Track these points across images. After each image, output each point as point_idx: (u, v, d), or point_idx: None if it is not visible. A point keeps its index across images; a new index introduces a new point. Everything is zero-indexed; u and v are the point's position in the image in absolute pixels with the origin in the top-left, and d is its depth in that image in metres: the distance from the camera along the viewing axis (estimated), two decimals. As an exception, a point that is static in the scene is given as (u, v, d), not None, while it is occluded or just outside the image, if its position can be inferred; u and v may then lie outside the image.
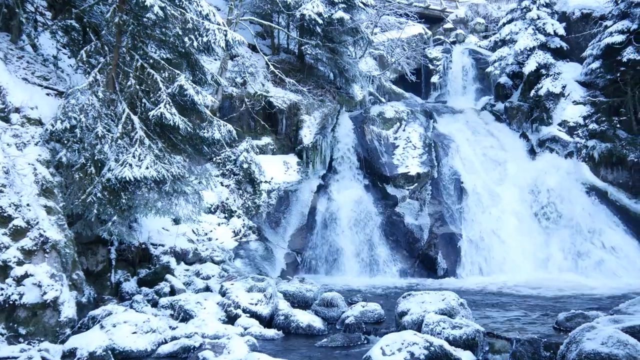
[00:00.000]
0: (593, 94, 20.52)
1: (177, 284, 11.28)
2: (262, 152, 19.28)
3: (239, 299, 9.89)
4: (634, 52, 18.62)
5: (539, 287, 15.09)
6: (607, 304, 11.98)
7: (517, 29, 22.61)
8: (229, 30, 12.23)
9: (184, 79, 11.35)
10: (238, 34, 12.43)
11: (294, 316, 9.53)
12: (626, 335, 6.72)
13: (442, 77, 31.32)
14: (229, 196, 17.43)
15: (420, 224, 17.76)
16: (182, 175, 11.51)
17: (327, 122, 20.19)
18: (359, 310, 9.63)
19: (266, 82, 20.41)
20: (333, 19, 19.62)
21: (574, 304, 12.53)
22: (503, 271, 16.77)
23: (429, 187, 18.93)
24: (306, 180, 18.77)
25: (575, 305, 12.44)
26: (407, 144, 20.19)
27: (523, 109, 22.21)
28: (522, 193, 19.11)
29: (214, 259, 13.55)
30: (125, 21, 11.77)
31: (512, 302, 12.67)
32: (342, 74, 21.07)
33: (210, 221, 16.81)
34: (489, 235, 17.71)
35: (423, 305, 8.77)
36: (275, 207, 17.72)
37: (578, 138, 20.01)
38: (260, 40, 23.06)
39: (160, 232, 13.64)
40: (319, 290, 11.61)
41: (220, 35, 12.05)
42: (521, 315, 10.78)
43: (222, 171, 18.00)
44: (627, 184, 19.02)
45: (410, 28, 31.85)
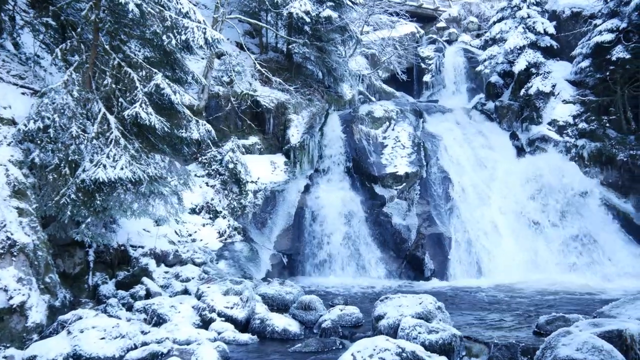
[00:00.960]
0: (583, 93, 20.35)
1: (153, 287, 11.07)
2: (249, 151, 19.08)
3: (214, 302, 9.68)
4: (623, 50, 18.45)
5: (527, 288, 14.92)
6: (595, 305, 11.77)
7: (507, 28, 22.45)
8: (209, 28, 12.02)
9: (160, 78, 11.13)
10: (217, 32, 12.20)
11: (269, 320, 9.33)
12: (602, 341, 6.53)
13: (435, 76, 31.24)
14: (214, 196, 17.23)
15: (408, 224, 17.57)
16: (159, 176, 11.30)
17: (315, 121, 19.99)
18: (337, 314, 9.43)
19: (254, 81, 20.21)
20: (321, 17, 19.45)
21: (561, 306, 12.37)
22: (492, 272, 16.58)
23: (417, 187, 18.74)
24: (293, 180, 18.57)
25: (562, 307, 12.28)
26: (396, 143, 19.99)
27: (513, 108, 22.03)
28: (512, 193, 18.92)
29: (195, 260, 13.34)
30: (102, 19, 11.56)
31: (498, 304, 12.48)
32: (330, 73, 20.88)
33: (195, 222, 16.61)
34: (477, 235, 17.53)
35: (400, 309, 8.58)
36: (261, 208, 17.51)
37: (568, 137, 19.84)
38: (248, 38, 22.87)
39: (140, 233, 13.42)
40: (299, 292, 11.41)
41: (199, 34, 11.84)
42: (505, 318, 10.60)
43: (207, 171, 17.80)
44: (616, 184, 18.86)
45: (402, 27, 31.75)
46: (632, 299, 9.89)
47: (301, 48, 20.03)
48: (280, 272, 16.62)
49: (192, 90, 19.09)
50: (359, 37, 21.95)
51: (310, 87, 20.74)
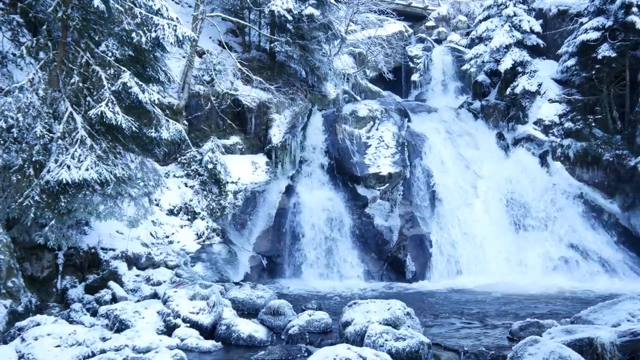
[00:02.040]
0: (569, 92, 20.14)
1: (119, 291, 10.77)
2: (229, 151, 18.76)
3: (180, 307, 9.38)
4: (609, 49, 18.26)
5: (509, 290, 14.70)
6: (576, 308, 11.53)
7: (494, 26, 22.20)
8: (180, 26, 11.70)
9: (128, 76, 10.81)
10: (190, 30, 11.89)
11: (235, 326, 9.04)
12: (569, 351, 6.28)
13: (423, 75, 30.95)
14: (193, 197, 16.91)
15: (390, 225, 17.30)
16: (128, 177, 11.00)
17: (298, 121, 19.68)
18: (305, 320, 9.14)
19: (235, 81, 19.88)
20: (303, 15, 19.13)
21: (540, 309, 12.14)
22: (475, 274, 16.35)
23: (400, 187, 18.47)
24: (274, 181, 18.25)
25: (542, 310, 12.06)
26: (380, 143, 19.70)
27: (499, 108, 21.79)
28: (496, 193, 18.69)
29: (168, 263, 13.03)
30: (70, 16, 11.23)
31: (477, 307, 12.23)
32: (313, 71, 20.58)
33: (173, 223, 16.28)
34: (460, 236, 17.30)
35: (367, 315, 8.31)
36: (241, 209, 17.20)
37: (553, 137, 19.62)
38: (232, 37, 22.53)
39: (113, 235, 13.10)
40: (271, 296, 11.12)
41: (170, 31, 11.52)
42: (481, 322, 10.35)
43: (186, 172, 17.48)
44: (602, 184, 18.67)
45: (390, 26, 31.48)
46: (610, 303, 9.64)
47: (284, 46, 19.71)
48: (259, 274, 16.34)
49: (172, 89, 18.79)
50: (343, 36, 21.65)
51: (293, 86, 20.42)
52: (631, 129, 18.46)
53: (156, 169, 12.56)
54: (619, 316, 9.03)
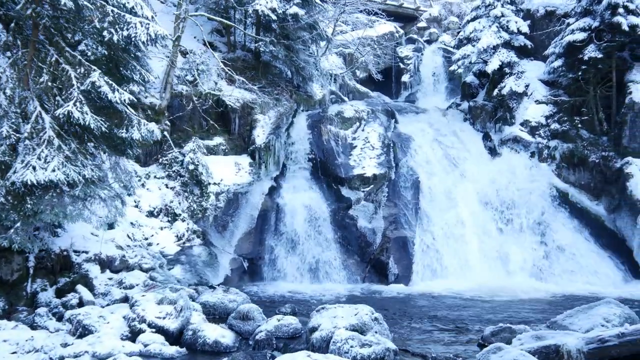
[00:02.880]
0: (555, 93, 19.98)
1: (86, 295, 10.54)
2: (213, 152, 18.56)
3: (146, 312, 9.16)
4: (595, 50, 18.09)
5: (492, 293, 14.51)
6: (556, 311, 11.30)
7: (481, 27, 22.00)
8: (153, 24, 11.48)
9: (97, 75, 10.58)
10: (162, 28, 11.66)
11: (201, 331, 8.82)
12: (532, 359, 6.07)
13: (413, 76, 30.85)
14: (173, 199, 16.69)
15: (373, 227, 17.10)
16: (98, 178, 10.77)
17: (282, 121, 19.48)
18: (274, 325, 8.93)
19: (219, 81, 19.67)
20: (287, 14, 18.92)
21: (519, 313, 11.96)
22: (458, 277, 16.13)
23: (385, 188, 18.28)
24: (258, 182, 18.03)
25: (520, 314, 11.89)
26: (365, 144, 19.53)
27: (487, 109, 21.61)
28: (482, 195, 18.49)
29: (142, 266, 12.80)
30: (39, 13, 11.00)
31: (455, 310, 12.04)
32: (298, 72, 20.37)
33: (152, 225, 16.05)
34: (444, 239, 17.09)
35: (334, 320, 8.10)
36: (223, 210, 16.97)
37: (540, 138, 19.45)
38: (217, 37, 22.32)
39: (86, 237, 12.86)
40: (244, 300, 10.90)
41: (142, 29, 11.30)
42: (456, 327, 10.16)
43: (167, 172, 17.25)
44: (588, 186, 18.50)
45: (381, 26, 31.33)
46: (587, 307, 9.48)
47: (268, 46, 19.49)
48: (240, 277, 16.12)
49: (155, 89, 18.58)
50: (329, 36, 21.44)
51: (278, 87, 20.22)
52: (617, 131, 18.29)
53: (128, 170, 12.31)
54: (594, 321, 8.87)
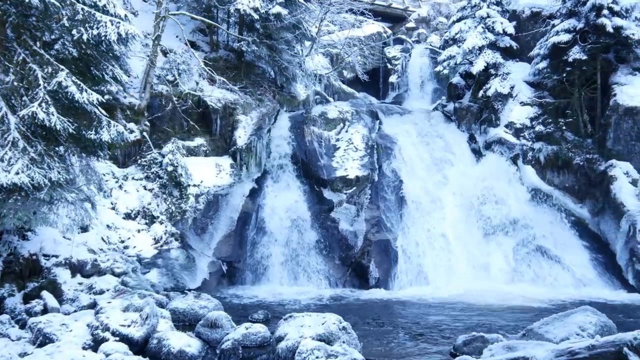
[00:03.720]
0: (540, 95, 19.82)
1: (50, 302, 10.23)
2: (193, 153, 18.29)
3: (110, 320, 8.87)
4: (580, 51, 17.94)
5: (474, 299, 14.26)
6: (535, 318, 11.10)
7: (467, 28, 21.83)
8: (123, 23, 11.21)
9: (64, 75, 10.29)
10: (133, 27, 11.38)
11: (166, 340, 8.55)
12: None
13: (400, 77, 30.65)
14: (151, 201, 16.40)
15: (355, 230, 16.87)
16: (65, 181, 10.48)
17: (265, 122, 19.23)
18: (241, 333, 8.66)
19: (201, 81, 19.38)
20: (270, 14, 18.66)
21: (499, 320, 11.77)
22: (440, 281, 15.91)
23: (368, 191, 18.05)
24: (239, 184, 17.78)
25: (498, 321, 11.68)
26: (349, 145, 19.30)
27: (472, 110, 21.44)
28: (465, 198, 18.31)
29: (115, 270, 12.50)
30: (5, 11, 10.70)
31: (433, 317, 11.83)
32: (281, 72, 20.09)
33: (129, 227, 15.78)
34: (427, 242, 16.88)
35: (301, 329, 7.86)
36: (202, 213, 16.69)
37: (524, 140, 19.27)
38: (200, 36, 22.04)
39: (57, 241, 12.55)
40: (215, 306, 10.64)
41: (112, 28, 11.03)
42: (430, 335, 9.95)
43: (146, 174, 16.96)
44: (573, 188, 18.35)
45: (368, 27, 31.14)
46: (563, 315, 9.30)
47: (251, 46, 19.21)
48: (219, 280, 15.85)
49: (134, 89, 18.29)
50: (314, 36, 21.19)
51: (261, 87, 19.94)
52: (602, 133, 18.14)
53: (98, 172, 12.01)
54: (569, 330, 8.69)
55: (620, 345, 6.11)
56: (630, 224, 15.97)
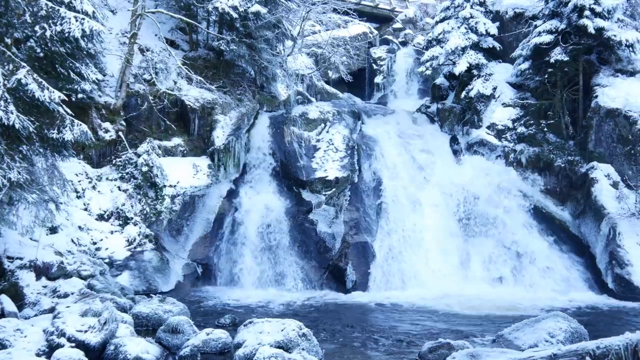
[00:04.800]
0: (522, 96, 19.68)
1: (8, 306, 9.89)
2: (170, 154, 18.01)
3: (66, 325, 8.56)
4: (562, 52, 17.81)
5: (452, 302, 14.04)
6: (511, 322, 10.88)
7: (450, 28, 21.67)
8: (88, 19, 10.92)
9: (24, 73, 9.98)
10: (98, 24, 11.09)
11: (123, 346, 8.25)
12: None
13: (386, 78, 30.42)
14: (125, 202, 16.10)
15: (333, 232, 16.60)
16: (25, 181, 10.17)
17: (244, 122, 18.94)
18: (202, 339, 8.39)
19: (179, 80, 19.08)
20: (249, 12, 18.39)
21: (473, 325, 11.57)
22: (418, 284, 15.68)
23: (347, 192, 17.79)
24: (216, 185, 17.49)
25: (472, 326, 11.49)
26: (329, 146, 19.04)
27: (455, 111, 21.26)
28: (446, 200, 18.12)
29: (81, 273, 12.16)
30: (-34, 6, 10.40)
31: (406, 322, 11.60)
32: (261, 72, 19.81)
33: (102, 229, 15.50)
34: (406, 244, 16.66)
35: (260, 336, 7.61)
36: (178, 214, 16.40)
37: (506, 142, 19.12)
38: (180, 34, 21.71)
39: (22, 243, 12.19)
40: (181, 310, 10.35)
41: (77, 25, 10.73)
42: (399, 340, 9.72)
43: (121, 174, 16.64)
44: (554, 190, 18.21)
45: (354, 27, 30.88)
46: (534, 321, 9.12)
47: (230, 45, 18.91)
48: (193, 283, 15.56)
49: (110, 87, 17.98)
50: (294, 35, 20.93)
51: (240, 87, 19.66)
52: (584, 135, 18.01)
53: (62, 172, 11.69)
54: (538, 336, 8.50)
55: (583, 354, 5.89)
56: (610, 226, 15.84)
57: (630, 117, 16.89)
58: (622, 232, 15.49)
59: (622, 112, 17.07)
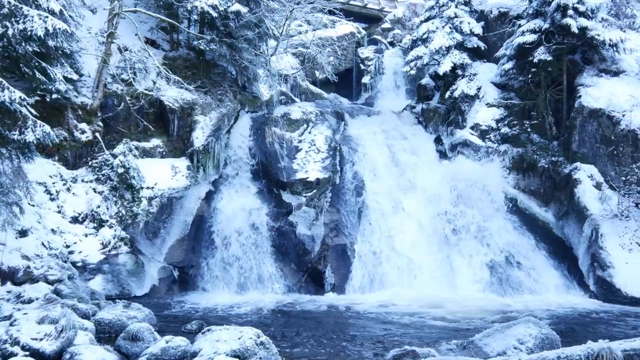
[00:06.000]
0: (506, 96, 19.48)
1: (-37, 313, 9.62)
2: (149, 155, 17.71)
3: (21, 332, 8.26)
4: (545, 52, 17.62)
5: (430, 306, 13.77)
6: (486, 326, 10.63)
7: (435, 27, 21.47)
8: (51, 18, 10.63)
9: (-17, 72, 9.71)
10: (62, 23, 10.81)
11: (79, 355, 7.94)
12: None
13: (374, 78, 30.19)
14: (100, 204, 15.80)
15: (313, 234, 16.36)
16: (-15, 184, 9.89)
17: (224, 123, 18.66)
18: (160, 347, 8.09)
19: (159, 80, 18.78)
20: (229, 12, 18.11)
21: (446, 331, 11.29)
22: (397, 287, 15.45)
23: (328, 193, 17.57)
24: (195, 186, 17.20)
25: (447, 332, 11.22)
26: (311, 147, 18.79)
27: (440, 111, 21.06)
28: (428, 201, 17.90)
29: (49, 278, 11.89)
30: None
31: (378, 327, 11.33)
32: (242, 72, 19.53)
33: (76, 232, 15.20)
34: (386, 247, 16.42)
35: (217, 344, 7.33)
36: (155, 216, 16.10)
37: (490, 142, 18.92)
38: (162, 34, 21.41)
39: (-11, 247, 11.93)
40: (146, 316, 10.07)
41: (40, 23, 10.45)
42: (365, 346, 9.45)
43: (97, 176, 16.34)
44: (538, 191, 18.01)
45: (341, 27, 30.71)
46: (505, 326, 8.87)
47: (210, 45, 18.61)
48: (169, 287, 15.29)
49: (87, 88, 17.67)
50: (277, 35, 20.65)
51: (221, 86, 19.37)
52: (567, 135, 17.82)
53: (25, 175, 11.40)
54: (508, 342, 8.26)
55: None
56: (592, 228, 15.64)
57: (614, 117, 16.70)
58: (604, 233, 15.29)
59: (606, 112, 16.88)
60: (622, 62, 17.90)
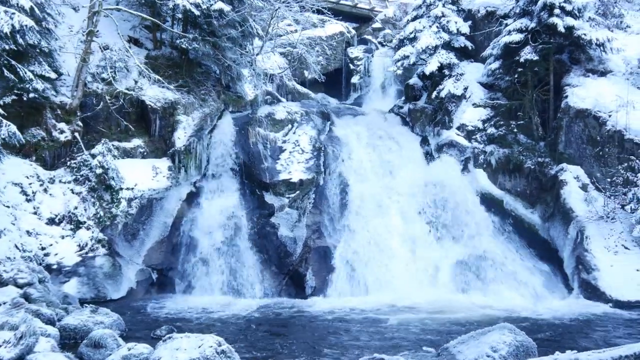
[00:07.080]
0: (493, 96, 19.26)
1: None
2: (130, 155, 17.40)
3: (-22, 340, 8.01)
4: (532, 52, 17.41)
5: (412, 310, 13.52)
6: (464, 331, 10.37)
7: (422, 27, 21.20)
8: (18, 14, 10.35)
9: (-56, 70, 9.42)
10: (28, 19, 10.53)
11: (37, 363, 7.72)
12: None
13: (363, 78, 29.96)
14: (78, 205, 15.50)
15: (295, 236, 16.08)
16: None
17: (207, 123, 18.38)
18: (122, 354, 7.85)
19: (141, 79, 18.48)
20: (212, 10, 17.82)
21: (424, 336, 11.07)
22: (380, 290, 15.17)
23: (312, 195, 17.31)
24: (176, 187, 16.91)
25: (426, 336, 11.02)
26: (295, 147, 18.54)
27: (427, 112, 20.81)
28: (413, 203, 17.65)
29: (18, 281, 11.59)
30: None
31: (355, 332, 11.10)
32: (226, 71, 19.25)
33: (52, 234, 14.92)
34: (370, 249, 16.15)
35: (176, 352, 7.08)
36: (134, 218, 15.80)
37: (476, 143, 18.68)
38: (145, 33, 21.09)
39: (-44, 249, 11.65)
40: (114, 322, 9.83)
41: (6, 19, 10.17)
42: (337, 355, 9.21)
43: (75, 177, 16.04)
44: (524, 193, 17.80)
45: (330, 26, 30.52)
46: (480, 333, 8.62)
47: (192, 44, 18.31)
48: (147, 289, 15.01)
49: (67, 87, 17.37)
50: (261, 34, 20.37)
51: (204, 86, 19.09)
52: (554, 136, 17.61)
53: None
54: (481, 350, 8.01)
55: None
56: (578, 230, 15.44)
57: (600, 117, 16.50)
58: (589, 235, 15.09)
59: (592, 112, 16.67)
60: (609, 62, 17.70)
